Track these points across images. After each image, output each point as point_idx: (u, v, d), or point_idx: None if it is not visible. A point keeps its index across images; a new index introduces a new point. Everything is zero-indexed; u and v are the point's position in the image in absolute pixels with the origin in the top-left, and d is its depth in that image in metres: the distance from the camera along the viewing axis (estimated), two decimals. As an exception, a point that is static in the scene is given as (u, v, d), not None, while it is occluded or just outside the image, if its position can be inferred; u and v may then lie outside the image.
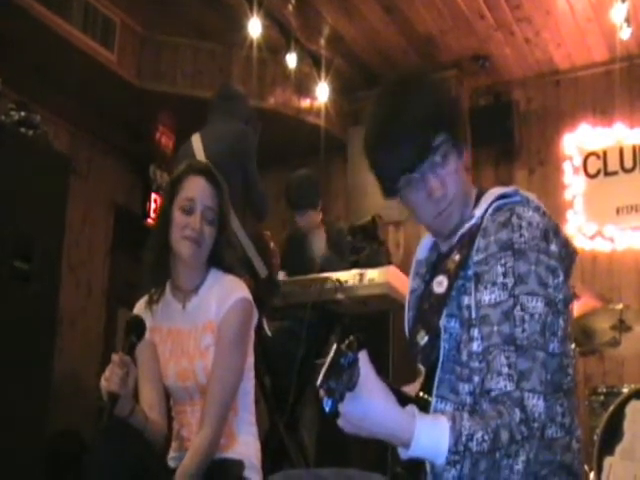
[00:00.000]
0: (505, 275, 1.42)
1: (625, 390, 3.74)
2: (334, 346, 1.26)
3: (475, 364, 1.43)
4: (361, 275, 3.83)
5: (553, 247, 1.46)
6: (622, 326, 3.86)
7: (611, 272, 5.19)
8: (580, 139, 5.50)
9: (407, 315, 1.70)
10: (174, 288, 2.31)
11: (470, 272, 1.48)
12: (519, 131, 5.58)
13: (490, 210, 1.51)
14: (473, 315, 1.45)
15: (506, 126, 5.54)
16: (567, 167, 5.50)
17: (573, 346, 1.66)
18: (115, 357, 2.02)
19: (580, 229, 5.34)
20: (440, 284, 1.55)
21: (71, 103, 5.18)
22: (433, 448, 1.30)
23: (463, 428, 1.30)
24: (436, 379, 1.50)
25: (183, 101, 5.21)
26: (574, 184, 5.46)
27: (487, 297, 1.43)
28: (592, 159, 5.45)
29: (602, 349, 4.01)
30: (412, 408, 1.34)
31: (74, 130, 5.55)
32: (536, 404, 1.34)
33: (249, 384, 2.31)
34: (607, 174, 5.39)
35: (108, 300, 5.79)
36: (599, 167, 5.43)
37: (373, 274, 3.82)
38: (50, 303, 3.89)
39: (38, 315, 3.77)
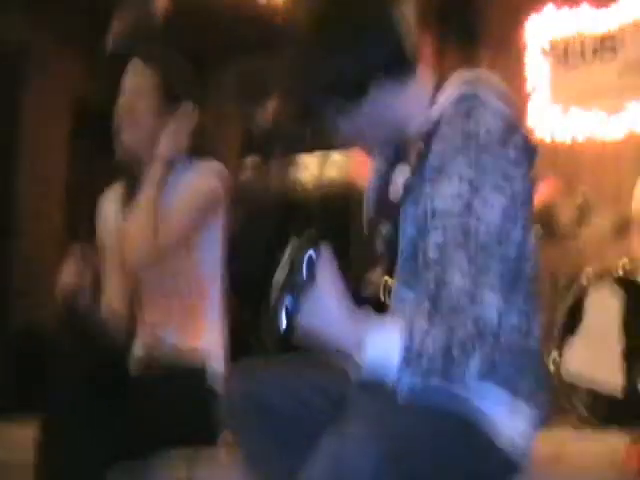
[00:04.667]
0: (468, 166, 1.39)
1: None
2: (286, 258, 1.24)
3: (436, 255, 1.41)
4: (324, 158, 3.79)
5: (513, 152, 1.42)
6: (582, 216, 3.91)
7: (572, 160, 5.19)
8: (545, 23, 5.40)
9: (369, 197, 1.69)
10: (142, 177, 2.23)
11: (426, 176, 1.45)
12: (484, 17, 5.47)
13: (449, 113, 1.46)
14: (435, 204, 1.42)
15: (471, 12, 5.42)
16: (531, 52, 5.43)
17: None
18: (75, 249, 2.01)
19: (542, 117, 5.30)
20: (402, 172, 1.53)
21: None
22: (384, 355, 1.31)
23: (415, 332, 1.31)
24: (398, 266, 1.50)
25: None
26: (537, 71, 5.39)
27: (442, 205, 1.41)
28: (556, 46, 5.37)
29: (563, 238, 4.07)
30: (366, 311, 1.35)
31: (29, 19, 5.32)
32: (487, 317, 1.34)
33: (216, 272, 2.28)
34: (569, 64, 5.33)
35: (68, 190, 5.69)
36: (563, 52, 5.36)
37: (336, 157, 3.76)
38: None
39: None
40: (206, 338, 2.21)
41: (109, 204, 2.34)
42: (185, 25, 4.12)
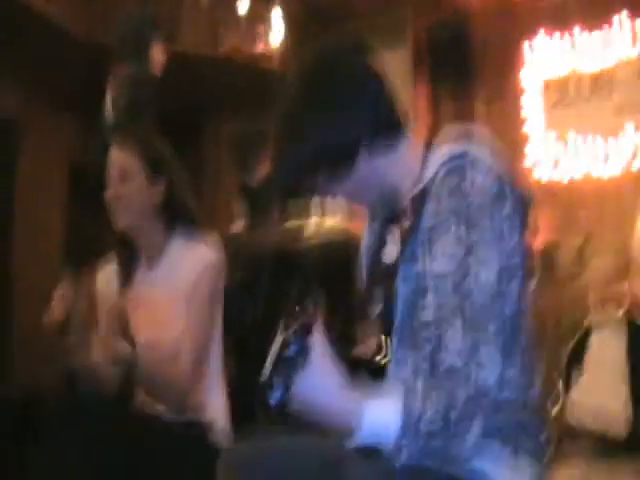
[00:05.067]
0: (455, 244, 1.40)
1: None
2: (279, 338, 1.25)
3: (427, 333, 1.42)
4: (320, 222, 3.82)
5: (507, 209, 1.43)
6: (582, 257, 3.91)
7: (570, 202, 5.20)
8: (541, 60, 5.43)
9: (363, 258, 1.70)
10: (140, 255, 2.31)
11: (420, 238, 1.46)
12: (478, 58, 5.51)
13: (440, 173, 1.47)
14: (424, 283, 1.43)
15: (465, 55, 5.47)
16: (528, 90, 5.45)
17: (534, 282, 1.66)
18: (63, 284, 2.07)
19: (539, 156, 5.32)
20: (390, 253, 1.54)
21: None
22: (380, 434, 1.31)
23: (412, 411, 1.31)
24: (395, 327, 1.50)
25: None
26: (533, 111, 5.42)
27: (437, 267, 1.41)
28: (553, 81, 5.40)
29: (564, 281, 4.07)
30: (359, 392, 1.34)
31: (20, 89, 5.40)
32: (486, 378, 1.35)
33: (217, 346, 2.32)
34: (565, 104, 5.35)
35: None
36: (559, 89, 5.39)
37: (332, 221, 3.80)
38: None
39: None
40: (207, 398, 2.23)
41: (106, 275, 2.37)
42: (181, 79, 4.18)
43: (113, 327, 2.11)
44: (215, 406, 2.25)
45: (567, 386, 3.69)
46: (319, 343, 1.30)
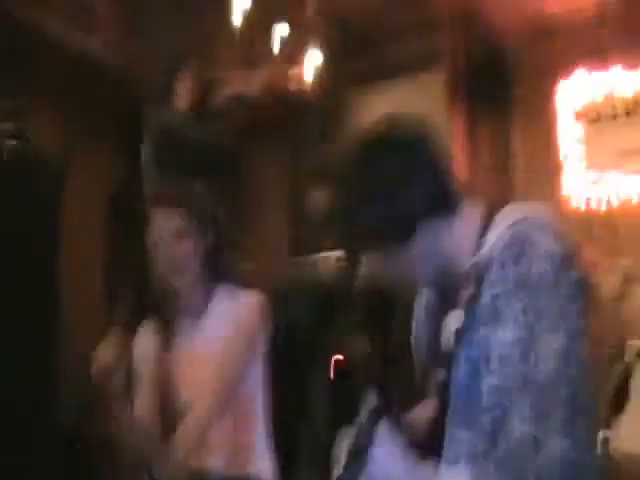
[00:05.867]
0: (523, 313, 1.39)
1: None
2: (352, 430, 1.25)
3: (492, 400, 1.41)
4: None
5: (573, 276, 1.43)
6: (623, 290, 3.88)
7: (610, 228, 5.15)
8: (575, 88, 5.42)
9: (418, 330, 1.69)
10: (183, 312, 2.29)
11: (484, 304, 1.45)
12: (514, 86, 5.51)
13: (504, 238, 1.46)
14: (491, 351, 1.42)
15: (501, 82, 5.46)
16: (563, 118, 5.44)
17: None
18: (115, 331, 2.10)
19: (576, 184, 5.29)
20: (453, 321, 1.52)
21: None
22: None
23: (480, 474, 1.32)
24: (451, 409, 1.48)
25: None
26: (571, 135, 5.40)
27: (504, 335, 1.41)
28: (588, 109, 5.38)
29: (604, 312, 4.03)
30: (429, 471, 1.36)
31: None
32: (559, 444, 1.34)
33: (262, 396, 2.30)
34: (603, 122, 5.32)
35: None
36: (595, 116, 5.36)
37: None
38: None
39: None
40: (257, 465, 2.24)
41: (146, 337, 2.36)
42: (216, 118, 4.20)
43: (157, 390, 2.18)
44: (262, 462, 2.26)
45: (610, 423, 3.66)
46: (386, 426, 1.31)
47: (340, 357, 4.21)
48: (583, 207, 5.20)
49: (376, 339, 4.06)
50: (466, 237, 1.54)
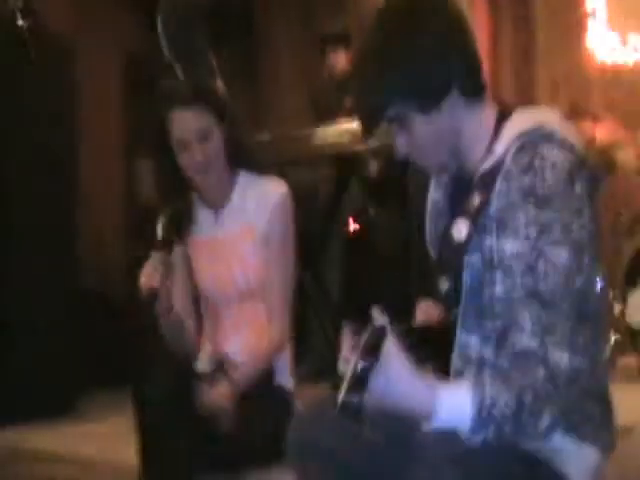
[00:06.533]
0: (528, 225, 1.39)
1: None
2: (354, 360, 1.24)
3: (497, 308, 1.44)
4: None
5: (578, 188, 1.41)
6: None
7: (631, 94, 5.00)
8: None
9: (428, 226, 1.69)
10: (202, 201, 2.29)
11: (492, 213, 1.45)
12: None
13: (512, 148, 1.44)
14: (495, 258, 1.43)
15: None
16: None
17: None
18: (156, 254, 2.09)
19: (602, 40, 5.12)
20: (460, 229, 1.52)
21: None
22: (456, 419, 1.33)
23: (485, 395, 1.32)
24: (460, 313, 1.51)
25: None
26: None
27: (509, 247, 1.41)
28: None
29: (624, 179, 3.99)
30: (433, 380, 1.36)
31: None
32: (561, 358, 1.35)
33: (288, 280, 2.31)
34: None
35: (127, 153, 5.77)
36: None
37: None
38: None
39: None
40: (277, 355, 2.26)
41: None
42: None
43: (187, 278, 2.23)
44: (281, 357, 2.28)
45: (627, 292, 3.69)
46: (393, 346, 1.30)
47: (356, 227, 4.23)
48: (605, 65, 5.06)
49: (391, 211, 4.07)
50: (480, 136, 1.52)
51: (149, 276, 2.05)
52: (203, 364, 2.28)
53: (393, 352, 1.31)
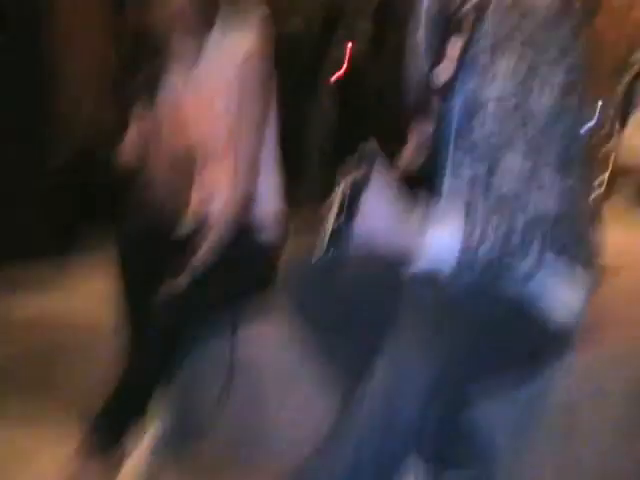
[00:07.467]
0: (517, 64, 1.35)
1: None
2: (338, 192, 1.25)
3: (492, 127, 1.39)
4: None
5: (570, 21, 1.37)
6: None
7: None
8: None
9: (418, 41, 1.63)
10: (174, 62, 2.21)
11: (488, 30, 1.41)
12: None
13: None
14: (483, 99, 1.40)
15: None
16: None
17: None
18: (133, 126, 2.09)
19: None
20: (454, 45, 1.48)
21: None
22: (441, 256, 1.33)
23: (471, 236, 1.32)
24: (452, 141, 1.49)
25: None
26: None
27: (498, 88, 1.38)
28: None
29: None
30: (419, 217, 1.34)
31: None
32: (553, 180, 1.34)
33: (273, 132, 2.26)
34: None
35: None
36: None
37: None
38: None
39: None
40: (261, 208, 2.22)
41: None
42: None
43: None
44: (268, 194, 2.25)
45: (623, 123, 3.61)
46: (379, 171, 1.29)
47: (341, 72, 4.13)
48: None
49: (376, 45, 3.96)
50: None
51: (127, 153, 2.06)
52: (185, 226, 2.25)
53: (379, 188, 1.29)
